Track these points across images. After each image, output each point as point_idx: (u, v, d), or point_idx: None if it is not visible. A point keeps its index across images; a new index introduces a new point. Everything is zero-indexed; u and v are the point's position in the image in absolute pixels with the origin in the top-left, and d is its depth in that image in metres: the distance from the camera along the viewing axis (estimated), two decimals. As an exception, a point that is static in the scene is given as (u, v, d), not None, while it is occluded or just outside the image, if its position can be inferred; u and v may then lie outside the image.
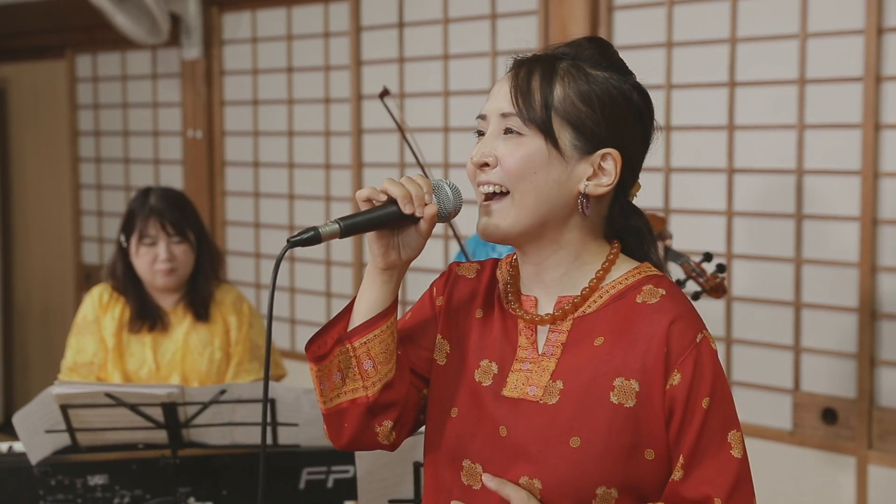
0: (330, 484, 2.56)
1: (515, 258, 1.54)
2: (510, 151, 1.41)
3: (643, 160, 1.49)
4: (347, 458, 2.54)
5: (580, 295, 1.45)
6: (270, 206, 4.68)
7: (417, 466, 1.87)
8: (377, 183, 1.44)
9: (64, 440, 2.48)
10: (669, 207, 3.46)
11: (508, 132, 1.43)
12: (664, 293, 1.43)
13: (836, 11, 3.08)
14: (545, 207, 1.42)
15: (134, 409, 2.40)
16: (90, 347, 2.88)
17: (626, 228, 1.51)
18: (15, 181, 6.11)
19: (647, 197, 2.05)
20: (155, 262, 2.84)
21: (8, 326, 6.14)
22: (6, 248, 6.15)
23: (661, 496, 1.40)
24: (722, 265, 2.50)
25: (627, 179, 1.47)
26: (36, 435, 2.44)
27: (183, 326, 2.91)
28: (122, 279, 2.91)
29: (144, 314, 2.89)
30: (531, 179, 1.41)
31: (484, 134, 1.47)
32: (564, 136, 1.41)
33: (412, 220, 1.42)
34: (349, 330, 1.47)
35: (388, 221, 1.41)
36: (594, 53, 1.45)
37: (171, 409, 2.41)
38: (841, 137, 3.10)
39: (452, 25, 3.97)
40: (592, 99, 1.41)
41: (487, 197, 1.44)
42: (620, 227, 1.50)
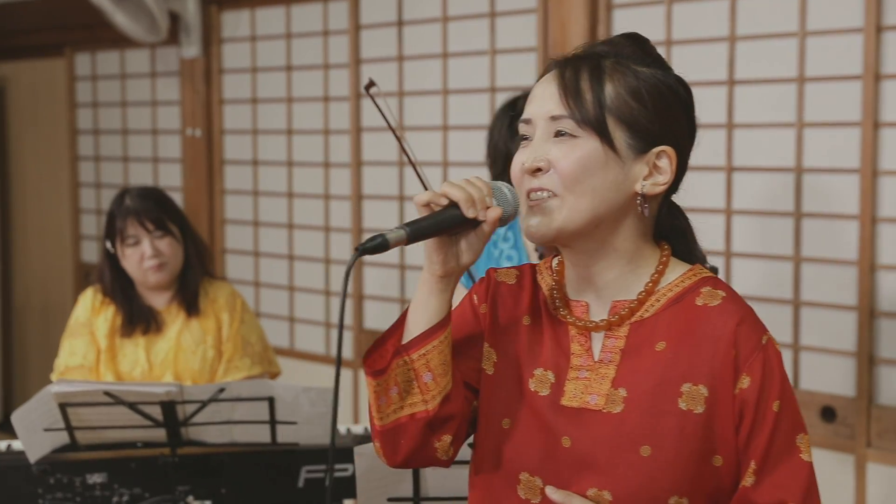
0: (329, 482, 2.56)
1: (556, 263, 1.50)
2: (564, 155, 1.36)
3: (690, 156, 1.46)
4: (346, 456, 2.53)
5: (636, 299, 1.41)
6: (269, 204, 4.68)
7: (416, 465, 1.87)
8: (377, 183, 1.43)
9: (63, 438, 2.48)
10: (668, 206, 3.45)
11: (560, 135, 1.38)
12: (724, 295, 1.39)
13: (835, 9, 3.08)
14: (601, 210, 1.37)
15: (133, 407, 2.40)
16: (81, 350, 2.88)
17: (672, 229, 1.48)
18: (14, 180, 6.11)
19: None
20: (142, 260, 2.83)
21: (7, 325, 6.14)
22: (5, 246, 6.15)
23: (729, 503, 1.36)
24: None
25: (678, 177, 1.44)
26: (35, 433, 2.44)
27: (176, 325, 2.90)
28: (109, 285, 2.90)
29: (135, 319, 2.88)
30: (588, 182, 1.36)
31: (529, 138, 1.41)
32: (619, 135, 1.37)
33: (473, 224, 1.37)
34: (405, 342, 1.41)
35: (450, 226, 1.36)
36: (635, 50, 1.42)
37: (169, 407, 2.41)
38: (840, 136, 3.09)
39: (451, 24, 3.97)
40: (643, 95, 1.38)
41: (535, 201, 1.39)
42: (667, 227, 1.48)
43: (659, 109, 1.39)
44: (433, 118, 4.03)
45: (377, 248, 1.31)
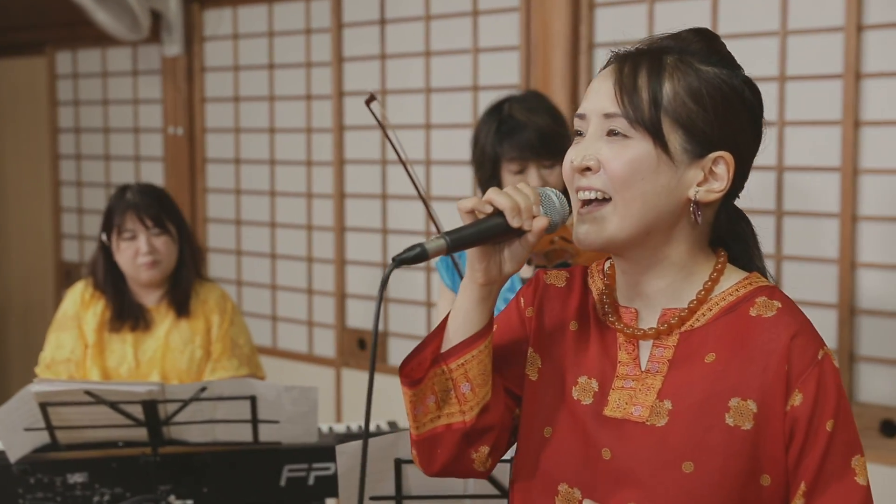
0: (311, 481, 2.56)
1: (608, 266, 1.45)
2: (615, 155, 1.30)
3: (753, 160, 1.39)
4: (328, 455, 2.54)
5: (687, 308, 1.35)
6: (252, 202, 4.67)
7: (398, 463, 1.87)
8: (360, 181, 1.40)
9: (43, 438, 2.47)
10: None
11: (612, 134, 1.32)
12: (780, 306, 1.34)
13: (816, 9, 3.09)
14: (651, 216, 1.31)
15: (114, 406, 2.39)
16: (68, 344, 2.86)
17: (731, 235, 1.42)
18: (-6, 178, 6.08)
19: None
20: (136, 256, 2.83)
21: (-13, 324, 6.11)
22: (-15, 245, 6.12)
23: None
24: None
25: (738, 183, 1.37)
26: (15, 433, 2.43)
27: (165, 324, 2.90)
28: (101, 278, 2.89)
29: (124, 314, 2.87)
30: (638, 186, 1.30)
31: (582, 134, 1.35)
32: (674, 138, 1.30)
33: (518, 232, 1.31)
34: (444, 351, 1.36)
35: (493, 235, 1.31)
36: (703, 47, 1.35)
37: (151, 406, 2.40)
38: (821, 134, 3.11)
39: (434, 22, 3.97)
40: (704, 97, 1.31)
41: (585, 203, 1.33)
42: (726, 233, 1.41)
43: (719, 112, 1.31)
44: (416, 117, 4.03)
45: (416, 258, 1.27)
